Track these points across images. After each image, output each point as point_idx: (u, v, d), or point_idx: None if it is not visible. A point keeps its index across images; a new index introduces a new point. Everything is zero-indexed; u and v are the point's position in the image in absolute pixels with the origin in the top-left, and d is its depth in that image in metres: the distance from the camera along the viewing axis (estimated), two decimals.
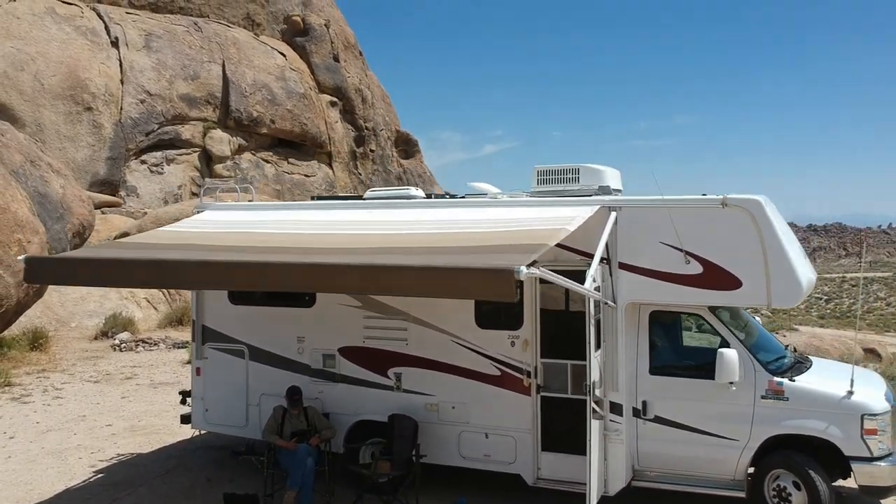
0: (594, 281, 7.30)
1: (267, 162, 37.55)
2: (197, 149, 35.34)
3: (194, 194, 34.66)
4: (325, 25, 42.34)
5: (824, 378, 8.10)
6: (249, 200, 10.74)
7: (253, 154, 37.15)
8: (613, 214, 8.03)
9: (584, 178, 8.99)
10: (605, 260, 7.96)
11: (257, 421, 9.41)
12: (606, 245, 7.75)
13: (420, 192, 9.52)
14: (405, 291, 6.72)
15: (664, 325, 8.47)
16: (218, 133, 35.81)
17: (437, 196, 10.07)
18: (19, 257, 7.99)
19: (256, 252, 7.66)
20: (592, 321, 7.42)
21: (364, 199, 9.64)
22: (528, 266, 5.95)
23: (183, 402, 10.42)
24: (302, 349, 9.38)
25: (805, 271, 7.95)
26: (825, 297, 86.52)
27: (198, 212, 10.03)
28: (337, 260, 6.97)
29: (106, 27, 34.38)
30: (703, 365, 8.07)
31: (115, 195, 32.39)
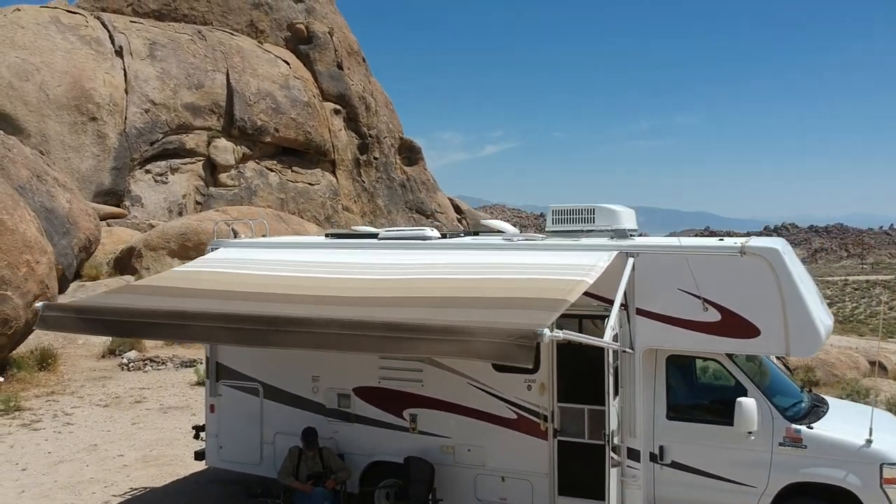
0: (612, 329, 7.30)
1: (271, 170, 37.56)
2: (201, 158, 35.35)
3: (198, 203, 34.69)
4: (329, 33, 42.32)
5: (842, 424, 8.08)
6: (263, 235, 10.72)
7: (257, 163, 37.17)
8: (631, 260, 8.02)
9: (599, 219, 8.98)
10: (623, 305, 7.94)
11: (272, 459, 9.41)
12: (624, 291, 7.75)
13: (435, 233, 9.49)
14: (425, 356, 6.73)
15: (681, 370, 8.47)
16: (222, 142, 35.81)
17: (451, 234, 10.03)
18: (37, 304, 8.01)
19: (275, 301, 7.66)
20: (611, 370, 7.44)
21: (379, 239, 9.60)
22: (551, 329, 6.00)
23: (196, 437, 10.40)
24: (317, 388, 9.36)
25: (823, 319, 7.95)
26: (827, 301, 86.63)
27: (212, 249, 10.03)
28: (354, 314, 6.95)
29: (110, 36, 34.38)
30: (720, 410, 8.04)
31: (119, 205, 32.39)
